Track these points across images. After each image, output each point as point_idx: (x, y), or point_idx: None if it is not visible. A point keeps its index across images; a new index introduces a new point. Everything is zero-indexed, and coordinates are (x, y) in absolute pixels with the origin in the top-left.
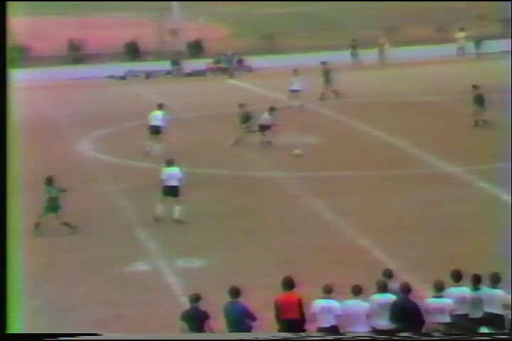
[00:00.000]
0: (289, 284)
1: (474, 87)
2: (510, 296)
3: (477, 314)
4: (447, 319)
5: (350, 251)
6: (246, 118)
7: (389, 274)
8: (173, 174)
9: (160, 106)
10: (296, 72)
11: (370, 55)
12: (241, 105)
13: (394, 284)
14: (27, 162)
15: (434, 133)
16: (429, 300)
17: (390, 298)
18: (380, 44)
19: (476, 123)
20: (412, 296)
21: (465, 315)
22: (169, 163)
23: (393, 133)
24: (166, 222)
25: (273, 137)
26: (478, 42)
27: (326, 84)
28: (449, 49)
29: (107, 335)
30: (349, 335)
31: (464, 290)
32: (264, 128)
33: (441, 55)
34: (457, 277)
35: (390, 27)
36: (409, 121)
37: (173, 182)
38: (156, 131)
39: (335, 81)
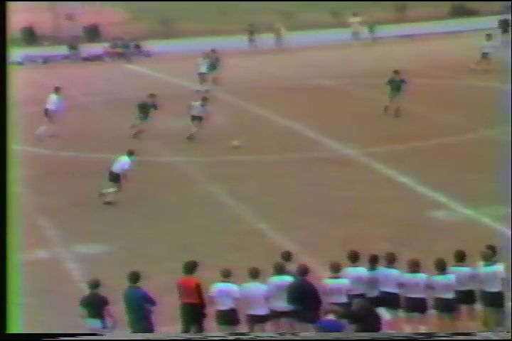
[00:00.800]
0: (189, 268)
1: (395, 72)
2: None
3: (373, 293)
4: (344, 299)
5: (248, 234)
6: (147, 107)
7: (287, 256)
8: (120, 162)
9: (56, 90)
10: (204, 55)
11: (267, 39)
12: (151, 95)
13: (292, 266)
14: None
15: (330, 117)
16: (326, 281)
17: (288, 279)
18: (277, 29)
19: (397, 111)
20: (309, 278)
21: (362, 295)
22: (129, 152)
23: (290, 117)
24: (63, 210)
25: (201, 128)
26: (372, 27)
27: (211, 71)
28: (344, 34)
29: (107, 335)
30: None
31: (361, 271)
32: (195, 118)
33: (336, 39)
34: (354, 258)
35: (286, 12)
36: (306, 105)
37: (116, 169)
38: (47, 114)
39: (221, 69)
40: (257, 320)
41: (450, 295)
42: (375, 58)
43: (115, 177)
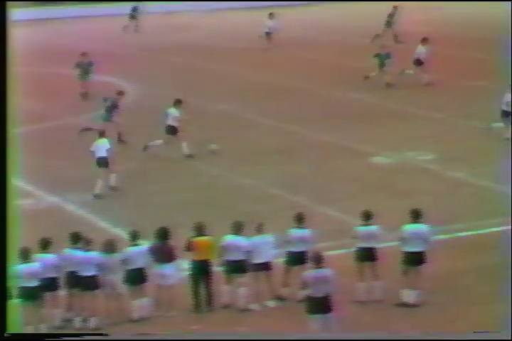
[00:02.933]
0: None
1: (83, 54)
2: None
3: None
4: None
5: None
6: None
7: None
8: (100, 146)
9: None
10: None
11: None
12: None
13: None
14: None
15: None
16: None
17: None
18: None
19: (85, 94)
20: None
21: None
22: (100, 134)
23: None
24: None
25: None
26: None
27: None
28: None
29: (110, 335)
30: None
31: None
32: (172, 130)
33: None
34: None
35: None
36: None
37: (102, 153)
38: None
39: None
40: None
41: (34, 283)
42: None
43: (104, 162)
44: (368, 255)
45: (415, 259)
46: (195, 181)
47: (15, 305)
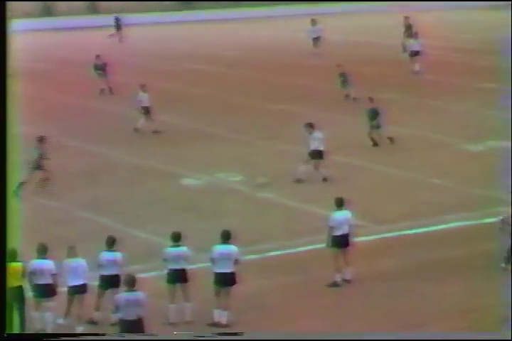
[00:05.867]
0: None
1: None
2: None
3: None
4: None
5: None
6: None
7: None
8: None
9: None
10: None
11: None
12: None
13: None
14: None
15: None
16: None
17: None
18: None
19: None
20: None
21: None
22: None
23: None
24: None
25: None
26: None
27: None
28: None
29: (108, 335)
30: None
31: None
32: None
33: None
34: None
35: None
36: None
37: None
38: None
39: None
40: None
41: None
42: None
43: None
44: (179, 276)
45: (225, 279)
46: None
47: None
